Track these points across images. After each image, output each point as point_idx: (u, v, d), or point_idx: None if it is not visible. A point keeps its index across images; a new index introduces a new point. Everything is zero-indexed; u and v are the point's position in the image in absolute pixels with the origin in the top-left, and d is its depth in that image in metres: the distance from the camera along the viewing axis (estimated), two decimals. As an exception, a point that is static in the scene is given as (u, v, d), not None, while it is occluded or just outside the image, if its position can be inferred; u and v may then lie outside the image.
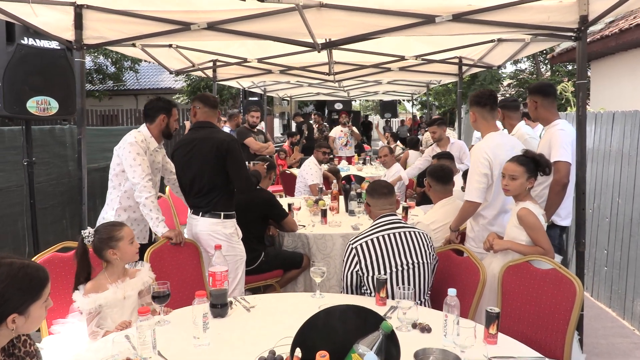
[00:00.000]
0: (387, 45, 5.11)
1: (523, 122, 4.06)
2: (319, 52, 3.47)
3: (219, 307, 2.37)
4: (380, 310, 2.47)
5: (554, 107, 3.52)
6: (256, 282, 4.00)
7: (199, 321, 2.03)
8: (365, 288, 2.72)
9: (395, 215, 2.85)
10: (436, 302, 2.96)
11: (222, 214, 3.27)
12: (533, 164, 2.81)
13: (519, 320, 2.65)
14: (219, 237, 3.27)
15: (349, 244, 2.75)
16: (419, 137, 9.89)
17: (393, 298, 2.68)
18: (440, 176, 3.68)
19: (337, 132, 9.70)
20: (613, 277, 4.53)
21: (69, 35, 3.31)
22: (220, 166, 3.22)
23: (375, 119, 25.37)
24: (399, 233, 2.74)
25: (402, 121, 21.44)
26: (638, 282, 4.16)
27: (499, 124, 3.62)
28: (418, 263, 2.72)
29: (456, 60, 5.91)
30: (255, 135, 6.64)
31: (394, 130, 19.40)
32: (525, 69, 14.68)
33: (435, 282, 3.11)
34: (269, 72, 6.25)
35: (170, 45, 4.82)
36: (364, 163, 9.22)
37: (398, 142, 10.69)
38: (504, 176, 2.89)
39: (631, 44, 7.17)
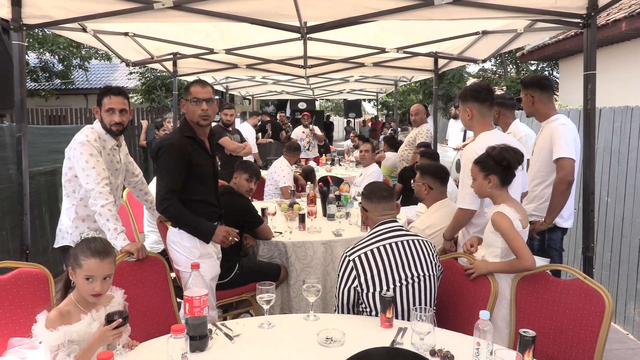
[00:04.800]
0: (365, 37, 4.78)
1: (518, 120, 3.81)
2: (302, 37, 3.07)
3: (198, 339, 1.95)
4: (388, 334, 2.13)
5: (551, 102, 3.28)
6: (229, 298, 3.57)
7: (176, 363, 1.60)
8: (364, 306, 2.36)
9: (396, 221, 2.51)
10: (442, 318, 2.65)
11: None
12: (491, 160, 2.53)
13: (538, 336, 2.33)
14: (177, 249, 2.83)
15: (345, 256, 2.38)
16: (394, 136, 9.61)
17: (397, 317, 2.33)
18: (442, 177, 3.36)
19: (299, 134, 9.29)
20: (602, 278, 4.37)
21: (5, 13, 2.77)
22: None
23: (336, 119, 25.19)
24: (402, 242, 2.40)
25: (364, 121, 21.27)
26: (631, 284, 4.00)
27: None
28: (424, 275, 2.39)
29: (433, 54, 5.64)
30: (231, 134, 6.16)
31: (356, 130, 19.23)
32: (489, 68, 14.78)
33: (438, 295, 2.79)
34: (235, 66, 5.80)
35: (126, 34, 4.32)
36: (332, 163, 8.89)
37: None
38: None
39: (601, 42, 7.17)
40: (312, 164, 8.56)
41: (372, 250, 2.35)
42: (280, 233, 3.88)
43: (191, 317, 1.96)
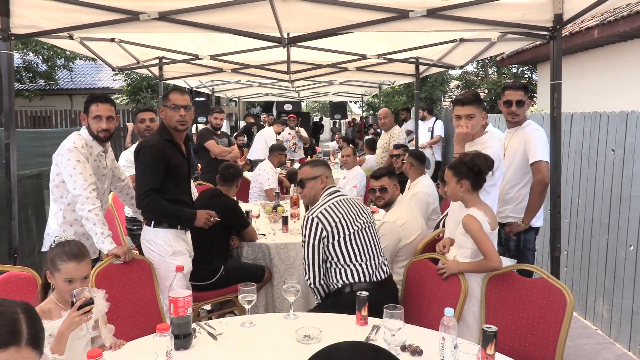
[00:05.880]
0: (347, 43, 4.90)
1: (491, 125, 3.96)
2: (284, 47, 3.20)
3: (182, 337, 2.06)
4: (363, 331, 2.26)
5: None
6: (214, 299, 3.67)
7: (161, 360, 1.71)
8: (330, 259, 2.73)
9: (334, 186, 2.98)
10: (416, 315, 2.78)
11: (152, 221, 2.94)
12: (463, 166, 2.69)
13: (506, 332, 2.51)
14: (151, 247, 2.95)
15: (308, 217, 2.75)
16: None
17: (357, 260, 2.71)
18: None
19: (285, 135, 9.42)
20: (574, 277, 4.56)
21: (-6, 23, 2.86)
22: None
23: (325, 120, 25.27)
24: (345, 199, 2.89)
25: (349, 122, 21.38)
26: (599, 282, 4.19)
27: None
28: (369, 223, 2.89)
29: (413, 61, 5.80)
30: (219, 138, 6.26)
31: (342, 131, 19.34)
32: (471, 71, 15.04)
33: (411, 293, 2.94)
34: (220, 70, 5.89)
35: (112, 40, 4.39)
36: (318, 165, 8.99)
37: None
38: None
39: (575, 49, 7.39)
40: (297, 165, 8.68)
41: (329, 206, 2.79)
42: (264, 235, 4.00)
43: (176, 317, 2.07)
